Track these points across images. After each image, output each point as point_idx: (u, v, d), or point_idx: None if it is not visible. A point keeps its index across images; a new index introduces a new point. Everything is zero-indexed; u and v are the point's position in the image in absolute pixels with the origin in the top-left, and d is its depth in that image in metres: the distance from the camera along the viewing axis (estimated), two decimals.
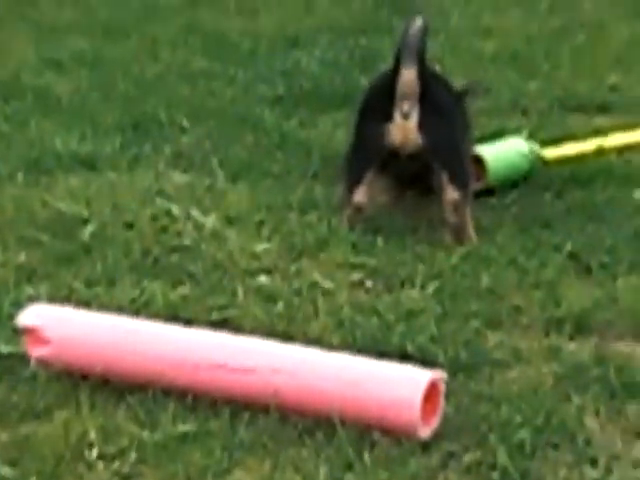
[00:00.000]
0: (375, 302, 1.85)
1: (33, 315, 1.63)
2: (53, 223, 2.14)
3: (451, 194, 2.06)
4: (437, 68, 2.28)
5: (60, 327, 1.63)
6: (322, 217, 2.16)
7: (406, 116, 2.04)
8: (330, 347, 1.64)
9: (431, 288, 1.89)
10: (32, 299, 1.79)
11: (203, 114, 2.77)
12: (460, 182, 2.07)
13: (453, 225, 2.08)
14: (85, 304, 1.77)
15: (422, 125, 2.05)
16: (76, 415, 1.51)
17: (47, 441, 1.46)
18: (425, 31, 2.07)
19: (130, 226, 2.12)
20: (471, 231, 2.09)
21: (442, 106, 2.10)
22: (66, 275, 1.93)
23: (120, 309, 1.76)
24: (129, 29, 3.51)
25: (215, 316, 1.79)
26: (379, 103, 2.08)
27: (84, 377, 1.58)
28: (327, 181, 2.35)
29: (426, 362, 1.61)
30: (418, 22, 2.07)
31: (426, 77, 2.06)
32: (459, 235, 2.07)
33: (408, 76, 2.03)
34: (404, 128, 2.05)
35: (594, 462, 1.43)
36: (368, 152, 2.09)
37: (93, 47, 3.29)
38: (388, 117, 2.05)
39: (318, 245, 2.06)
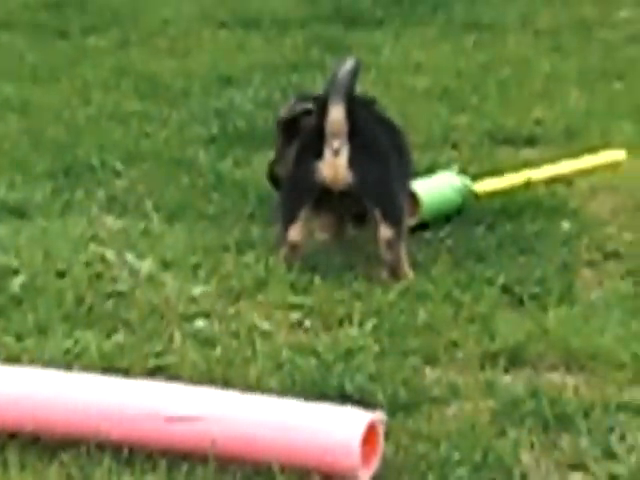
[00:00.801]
0: (314, 342, 1.85)
1: None
2: None
3: (384, 232, 2.08)
4: (376, 104, 2.31)
5: None
6: (259, 257, 2.16)
7: (336, 153, 2.07)
8: (269, 391, 1.63)
9: (369, 325, 1.90)
10: None
11: (137, 157, 2.75)
12: (393, 219, 2.10)
13: (388, 262, 2.10)
14: (15, 359, 1.73)
15: (352, 162, 2.07)
16: (4, 477, 1.46)
17: None
18: (356, 71, 2.11)
19: (62, 274, 2.08)
20: (406, 267, 2.11)
21: (374, 143, 2.13)
22: None
23: (52, 361, 1.73)
24: (58, 73, 3.47)
25: (151, 364, 1.77)
26: (310, 141, 2.10)
27: (12, 436, 1.54)
28: (263, 221, 2.35)
29: (365, 402, 1.62)
30: (349, 62, 2.11)
31: (356, 115, 2.08)
32: (395, 272, 2.09)
33: (336, 114, 2.06)
34: (334, 165, 2.07)
35: None
36: (300, 190, 2.11)
37: (21, 92, 3.25)
38: (319, 155, 2.07)
39: (256, 286, 2.06)
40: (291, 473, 1.46)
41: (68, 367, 1.69)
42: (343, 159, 2.07)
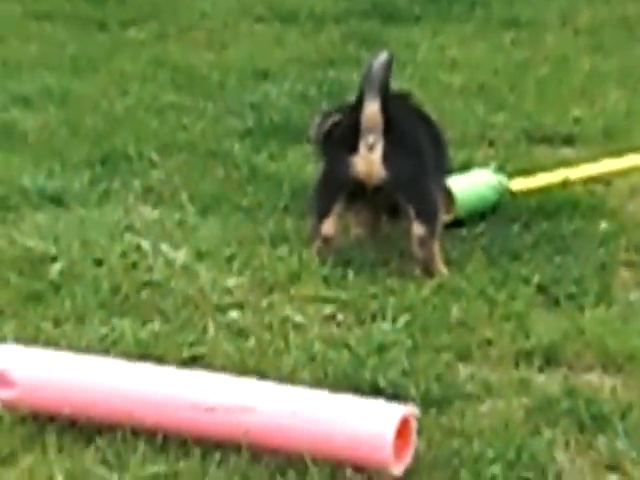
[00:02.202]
0: (347, 336, 1.85)
1: None
2: (20, 261, 2.11)
3: (417, 229, 2.07)
4: (415, 99, 2.29)
5: (26, 369, 1.60)
6: (293, 250, 2.16)
7: (371, 148, 2.06)
8: (302, 383, 1.63)
9: (402, 321, 1.90)
10: None
11: (173, 148, 2.77)
12: (427, 217, 2.08)
13: (420, 259, 2.09)
14: (53, 344, 1.75)
15: (387, 158, 2.06)
16: (42, 459, 1.48)
17: None
18: (390, 65, 2.09)
19: (99, 263, 2.10)
20: (440, 265, 2.09)
21: (409, 139, 2.11)
22: (33, 314, 1.90)
23: (89, 348, 1.74)
24: (97, 64, 3.51)
25: (186, 353, 1.78)
26: (346, 136, 2.09)
27: (51, 419, 1.56)
28: (298, 214, 2.35)
29: (398, 397, 1.61)
30: (382, 56, 2.09)
31: (392, 110, 2.07)
32: (427, 269, 2.08)
33: (371, 109, 2.05)
34: (369, 160, 2.06)
35: None
36: (334, 184, 2.11)
37: (60, 82, 3.28)
38: (354, 149, 2.07)
39: (289, 279, 2.06)
40: (323, 465, 1.46)
41: (105, 353, 1.71)
42: (378, 154, 2.06)
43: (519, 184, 2.47)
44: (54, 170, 2.62)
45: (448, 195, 2.34)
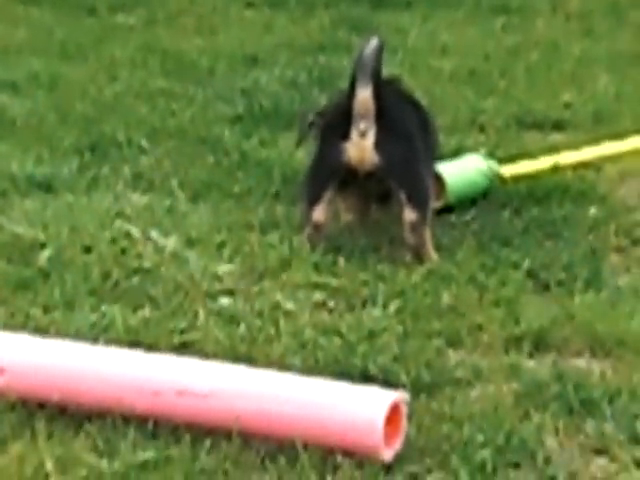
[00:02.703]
0: (337, 322, 1.85)
1: None
2: (9, 247, 2.10)
3: (409, 215, 2.07)
4: (405, 84, 2.29)
5: (15, 355, 1.60)
6: (284, 237, 2.16)
7: (363, 135, 2.05)
8: (292, 369, 1.63)
9: (393, 307, 1.90)
10: None
11: (162, 134, 2.75)
12: (418, 202, 2.08)
13: (412, 245, 2.09)
14: (42, 331, 1.74)
15: (379, 144, 2.06)
16: (32, 446, 1.48)
17: (1, 474, 1.43)
18: (380, 50, 2.09)
19: (89, 249, 2.09)
20: (431, 251, 2.10)
21: (400, 125, 2.11)
22: (22, 301, 1.89)
23: (79, 334, 1.74)
24: (86, 49, 3.48)
25: (176, 340, 1.78)
26: (337, 122, 2.09)
27: (40, 406, 1.56)
28: (288, 200, 2.35)
29: (388, 383, 1.61)
30: (373, 42, 2.08)
31: (383, 96, 2.07)
32: (418, 255, 2.08)
33: (363, 95, 2.04)
34: (361, 147, 2.06)
35: None
36: (326, 170, 2.10)
37: (49, 68, 3.26)
38: (346, 136, 2.06)
39: (280, 265, 2.06)
40: (314, 450, 1.46)
41: (95, 340, 1.71)
42: (370, 140, 2.05)
43: (509, 170, 2.47)
44: (43, 156, 2.61)
45: (438, 181, 2.34)
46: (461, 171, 2.41)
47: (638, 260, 2.11)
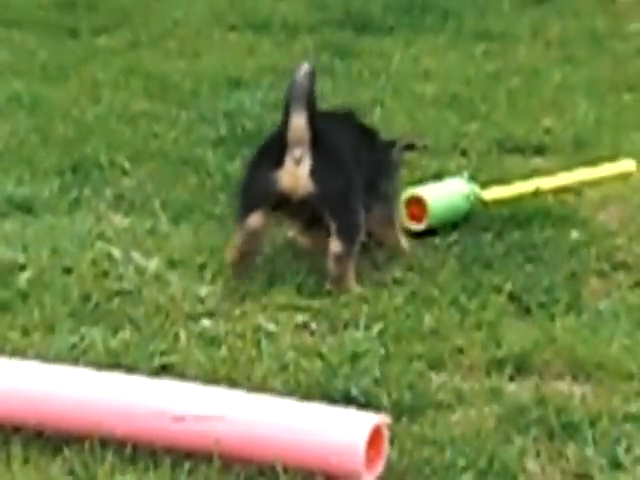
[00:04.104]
0: (319, 344, 1.85)
1: None
2: None
3: (335, 246, 2.03)
4: (357, 117, 2.25)
5: None
6: (265, 259, 2.16)
7: (297, 162, 2.02)
8: (273, 392, 1.62)
9: (375, 330, 1.90)
10: None
11: (145, 156, 2.75)
12: (347, 235, 2.04)
13: (333, 275, 2.04)
14: (21, 353, 1.72)
15: (314, 172, 2.02)
16: (7, 471, 1.45)
17: None
18: (313, 75, 2.05)
19: (69, 271, 2.08)
20: (352, 282, 2.04)
21: (337, 154, 2.07)
22: (1, 324, 1.88)
23: (58, 357, 1.72)
24: (68, 71, 3.48)
25: (157, 362, 1.76)
26: (272, 149, 2.05)
27: (16, 430, 1.53)
28: None
29: (370, 405, 1.61)
30: (305, 67, 2.05)
31: (319, 123, 2.03)
32: (338, 285, 2.04)
33: (297, 122, 2.01)
34: (295, 174, 2.02)
35: None
36: (257, 196, 2.05)
37: (30, 89, 3.25)
38: (279, 163, 2.02)
39: (262, 287, 2.05)
40: (295, 474, 1.45)
41: (74, 363, 1.69)
42: (305, 168, 2.02)
43: (491, 193, 2.48)
44: (23, 178, 2.59)
45: (421, 203, 2.35)
46: (443, 194, 2.43)
47: (618, 284, 2.12)
